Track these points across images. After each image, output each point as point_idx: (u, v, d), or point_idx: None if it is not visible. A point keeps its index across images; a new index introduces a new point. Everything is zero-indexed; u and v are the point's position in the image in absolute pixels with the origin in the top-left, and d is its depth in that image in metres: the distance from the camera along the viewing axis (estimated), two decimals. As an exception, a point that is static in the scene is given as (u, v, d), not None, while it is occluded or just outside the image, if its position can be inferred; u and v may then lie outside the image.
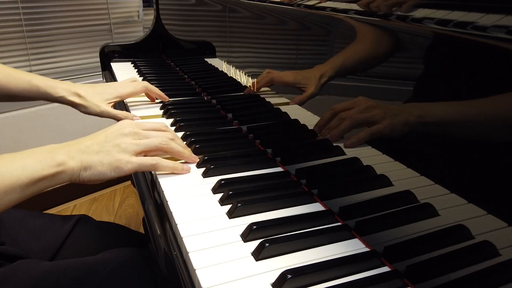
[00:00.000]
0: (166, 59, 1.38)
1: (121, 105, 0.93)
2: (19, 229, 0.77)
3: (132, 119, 0.79)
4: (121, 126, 0.60)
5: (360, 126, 0.57)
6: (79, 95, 0.83)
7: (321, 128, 0.64)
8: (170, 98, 0.93)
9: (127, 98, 0.90)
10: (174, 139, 0.63)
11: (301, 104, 0.71)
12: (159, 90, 0.91)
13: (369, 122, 0.54)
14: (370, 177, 0.55)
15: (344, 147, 0.60)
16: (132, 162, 0.57)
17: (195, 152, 0.67)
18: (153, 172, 0.62)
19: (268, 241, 0.44)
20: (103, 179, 0.56)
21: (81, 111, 0.84)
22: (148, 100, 0.95)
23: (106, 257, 0.67)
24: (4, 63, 0.85)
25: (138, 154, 0.58)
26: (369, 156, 0.55)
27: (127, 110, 0.90)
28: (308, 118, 0.69)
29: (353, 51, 0.59)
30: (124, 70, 1.24)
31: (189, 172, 0.62)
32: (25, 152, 0.52)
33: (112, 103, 0.86)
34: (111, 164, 0.56)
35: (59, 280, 0.61)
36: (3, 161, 0.50)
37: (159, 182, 0.58)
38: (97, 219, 0.86)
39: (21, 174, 0.49)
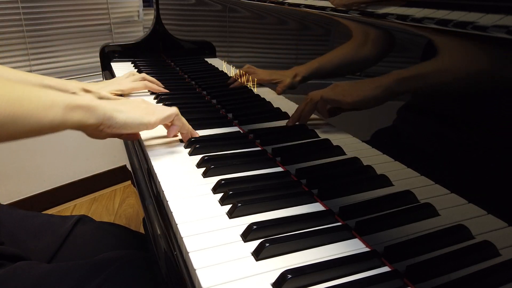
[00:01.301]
0: (166, 59, 1.38)
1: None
2: (18, 229, 0.77)
3: None
4: (141, 99, 0.68)
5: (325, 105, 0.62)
6: (88, 91, 0.87)
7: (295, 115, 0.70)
8: (170, 98, 0.94)
9: (128, 92, 0.96)
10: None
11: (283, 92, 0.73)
12: (157, 84, 0.97)
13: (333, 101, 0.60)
14: (370, 177, 0.55)
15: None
16: (157, 112, 0.65)
17: (195, 152, 0.67)
18: (153, 173, 0.62)
19: (268, 241, 0.44)
20: (138, 123, 0.62)
21: None
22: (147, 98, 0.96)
23: (106, 259, 0.67)
24: (4, 63, 0.86)
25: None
26: (369, 156, 0.55)
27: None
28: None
29: (351, 50, 0.59)
30: (124, 70, 1.24)
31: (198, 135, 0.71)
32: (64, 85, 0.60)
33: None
34: (143, 110, 0.64)
35: (59, 282, 0.61)
36: (45, 88, 0.55)
37: (159, 182, 0.58)
38: (97, 219, 0.86)
39: (62, 95, 0.55)
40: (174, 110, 0.68)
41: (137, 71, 1.21)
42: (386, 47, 0.52)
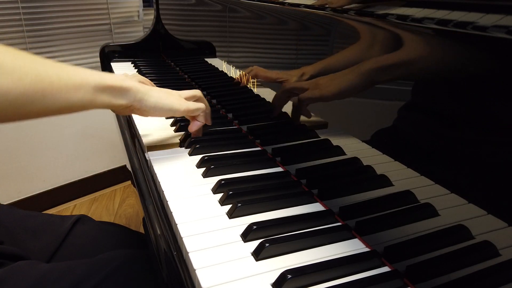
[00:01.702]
0: (166, 59, 1.38)
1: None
2: (17, 229, 0.77)
3: None
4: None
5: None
6: None
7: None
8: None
9: None
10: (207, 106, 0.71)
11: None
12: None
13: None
14: (370, 177, 0.54)
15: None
16: (187, 102, 0.65)
17: (195, 152, 0.67)
18: (153, 173, 0.63)
19: (268, 241, 0.44)
20: (165, 108, 0.62)
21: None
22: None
23: (106, 258, 0.67)
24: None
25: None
26: (369, 156, 0.55)
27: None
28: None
29: (350, 50, 0.59)
30: (124, 70, 1.24)
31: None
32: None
33: None
34: (175, 97, 0.63)
35: (58, 281, 0.61)
36: (75, 66, 0.53)
37: (159, 182, 0.58)
38: (97, 219, 0.86)
39: (93, 74, 0.54)
40: (201, 105, 0.68)
41: (137, 71, 1.21)
42: (386, 47, 0.52)
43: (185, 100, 0.65)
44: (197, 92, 0.70)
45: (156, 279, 0.63)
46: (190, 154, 0.67)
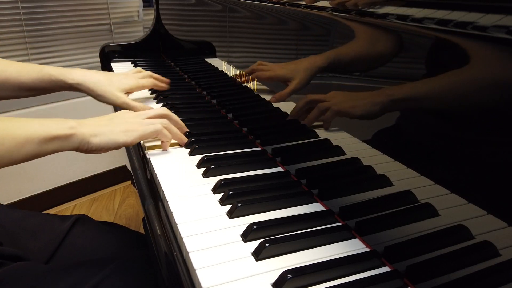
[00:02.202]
0: (166, 59, 1.38)
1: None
2: (17, 229, 0.77)
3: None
4: (125, 111, 0.69)
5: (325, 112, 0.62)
6: (96, 84, 0.82)
7: (295, 116, 0.69)
8: (170, 98, 0.94)
9: (136, 91, 0.91)
10: (177, 121, 0.72)
11: (283, 99, 0.72)
12: (161, 80, 0.94)
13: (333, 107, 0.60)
14: (370, 177, 0.54)
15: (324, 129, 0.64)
16: (138, 130, 0.64)
17: (195, 152, 0.67)
18: (153, 173, 0.62)
19: (268, 241, 0.44)
20: (112, 145, 0.62)
21: (97, 99, 0.84)
22: (146, 97, 0.96)
23: (106, 258, 0.67)
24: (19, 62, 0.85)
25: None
26: (369, 156, 0.55)
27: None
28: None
29: (348, 48, 0.59)
30: (124, 70, 1.24)
31: (187, 141, 0.70)
32: (41, 118, 0.59)
33: (127, 93, 0.87)
34: (120, 131, 0.63)
35: (57, 282, 0.61)
36: (24, 119, 0.57)
37: (159, 182, 0.58)
38: (97, 219, 0.86)
39: (38, 129, 0.56)
40: (158, 127, 0.66)
41: (137, 71, 1.21)
42: (387, 47, 0.52)
43: (139, 127, 0.65)
44: (163, 111, 0.70)
45: (156, 279, 0.63)
46: (190, 154, 0.67)
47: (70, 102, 1.82)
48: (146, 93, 0.99)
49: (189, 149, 0.69)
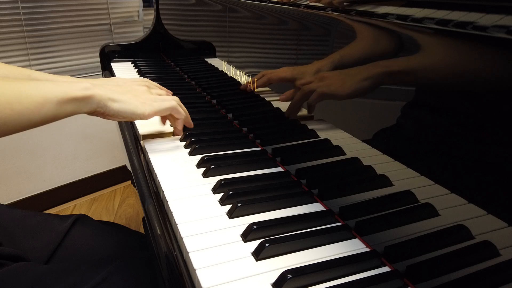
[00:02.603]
0: (166, 59, 1.38)
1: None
2: (16, 228, 0.77)
3: None
4: (137, 84, 0.70)
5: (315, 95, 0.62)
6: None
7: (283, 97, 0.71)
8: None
9: None
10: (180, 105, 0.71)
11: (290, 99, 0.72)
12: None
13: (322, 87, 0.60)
14: (370, 177, 0.55)
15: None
16: (153, 104, 0.65)
17: (195, 152, 0.67)
18: (153, 173, 0.62)
19: (268, 241, 0.44)
20: (129, 115, 0.62)
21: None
22: None
23: (105, 258, 0.67)
24: (4, 63, 0.85)
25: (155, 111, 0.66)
26: (369, 156, 0.55)
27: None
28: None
29: (352, 50, 0.59)
30: (124, 70, 1.24)
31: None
32: (52, 81, 0.58)
33: None
34: (139, 102, 0.63)
35: (57, 282, 0.61)
36: (37, 81, 0.55)
37: (159, 182, 0.58)
38: (97, 219, 0.86)
39: (55, 89, 0.54)
40: (173, 103, 0.68)
41: (137, 71, 1.21)
42: (386, 47, 0.52)
43: (153, 102, 0.65)
44: (169, 106, 0.69)
45: (156, 279, 0.63)
46: (190, 154, 0.67)
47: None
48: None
49: (189, 149, 0.69)
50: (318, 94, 0.61)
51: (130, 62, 1.33)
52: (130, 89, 0.66)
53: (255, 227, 0.46)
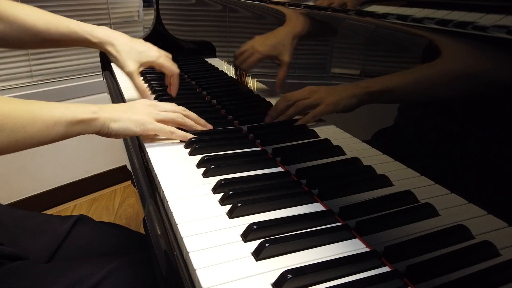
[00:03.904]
0: (166, 59, 1.38)
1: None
2: (17, 229, 0.77)
3: (148, 99, 0.84)
4: (144, 100, 0.73)
5: (306, 110, 0.66)
6: (114, 46, 0.86)
7: (273, 114, 0.74)
8: (170, 98, 0.93)
9: (157, 67, 0.91)
10: (188, 115, 0.74)
11: (282, 85, 0.73)
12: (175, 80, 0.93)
13: (312, 105, 0.64)
14: (370, 177, 0.55)
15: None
16: (154, 124, 0.69)
17: (195, 152, 0.67)
18: (153, 173, 0.63)
19: (268, 241, 0.44)
20: (128, 133, 0.67)
21: (111, 61, 0.89)
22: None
23: (105, 258, 0.67)
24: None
25: (158, 121, 0.70)
26: (369, 156, 0.55)
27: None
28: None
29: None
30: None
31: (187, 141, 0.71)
32: (64, 103, 0.63)
33: (143, 68, 0.88)
34: (137, 121, 0.67)
35: (57, 282, 0.61)
36: (49, 103, 0.60)
37: (159, 182, 0.58)
38: (97, 219, 0.86)
39: (65, 112, 0.60)
40: (172, 115, 0.71)
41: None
42: (387, 47, 0.52)
43: (156, 116, 0.69)
44: (180, 109, 0.73)
45: (156, 279, 0.63)
46: (190, 154, 0.67)
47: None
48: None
49: (189, 149, 0.69)
50: (322, 113, 0.63)
51: (130, 62, 1.33)
52: (131, 106, 0.70)
53: (255, 227, 0.46)
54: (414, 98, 0.47)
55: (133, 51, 0.86)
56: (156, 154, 0.67)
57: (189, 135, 0.71)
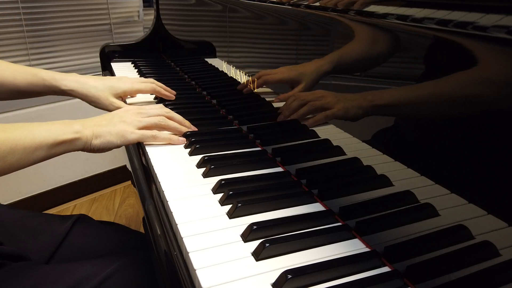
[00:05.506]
0: (166, 59, 1.38)
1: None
2: (17, 228, 0.77)
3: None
4: (126, 108, 0.73)
5: (317, 111, 0.66)
6: (87, 89, 0.85)
7: (287, 113, 0.72)
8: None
9: (134, 94, 0.93)
10: (172, 117, 0.73)
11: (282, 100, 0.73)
12: (165, 89, 0.92)
13: (324, 108, 0.63)
14: (370, 177, 0.55)
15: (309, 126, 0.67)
16: (135, 132, 0.67)
17: (195, 152, 0.67)
18: (153, 173, 0.63)
19: (268, 241, 0.44)
20: (111, 147, 0.66)
21: (90, 104, 0.87)
22: (147, 101, 0.96)
23: (106, 259, 0.67)
24: (12, 63, 0.85)
25: (140, 128, 0.68)
26: (369, 156, 0.55)
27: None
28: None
29: (350, 50, 0.59)
30: (124, 70, 1.24)
31: (184, 143, 0.71)
32: (47, 122, 0.63)
33: (119, 97, 0.88)
34: (117, 134, 0.66)
35: (57, 282, 0.61)
36: (32, 126, 0.60)
37: (159, 182, 0.58)
38: (97, 219, 0.86)
39: (47, 135, 0.60)
40: (154, 133, 0.69)
41: (137, 71, 1.21)
42: (388, 47, 0.52)
43: (136, 127, 0.68)
44: (164, 112, 0.72)
45: (156, 279, 0.63)
46: (190, 154, 0.67)
47: (69, 102, 1.82)
48: (149, 97, 0.98)
49: (189, 149, 0.69)
50: (333, 116, 0.62)
51: (130, 62, 1.33)
52: (113, 117, 0.69)
53: (255, 227, 0.46)
54: (421, 110, 0.47)
55: (105, 87, 0.86)
56: (156, 154, 0.67)
57: (174, 137, 0.71)
